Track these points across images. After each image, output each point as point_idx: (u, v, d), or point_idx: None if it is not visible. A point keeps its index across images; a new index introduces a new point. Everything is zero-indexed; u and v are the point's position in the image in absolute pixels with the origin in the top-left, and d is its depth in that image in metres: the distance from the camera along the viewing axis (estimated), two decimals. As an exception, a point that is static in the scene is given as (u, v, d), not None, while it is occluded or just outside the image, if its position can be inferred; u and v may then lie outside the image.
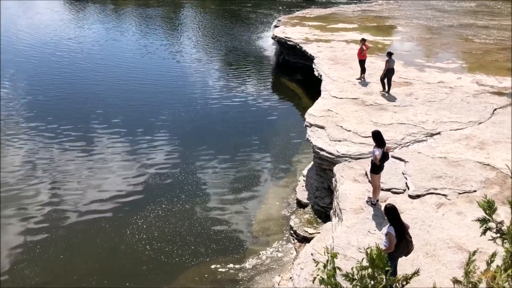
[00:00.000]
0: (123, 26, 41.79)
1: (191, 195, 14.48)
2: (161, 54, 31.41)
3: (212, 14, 50.23)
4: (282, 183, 15.39)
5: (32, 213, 13.31)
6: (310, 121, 14.55)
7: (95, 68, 27.47)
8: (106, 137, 18.18)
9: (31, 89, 23.40)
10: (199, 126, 19.68)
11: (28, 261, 11.42)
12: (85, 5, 54.76)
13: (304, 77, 25.50)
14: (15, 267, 11.22)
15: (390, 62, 17.17)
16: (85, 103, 21.56)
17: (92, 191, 14.51)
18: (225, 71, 28.36)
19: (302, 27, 30.79)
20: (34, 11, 50.19)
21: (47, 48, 32.19)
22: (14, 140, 17.55)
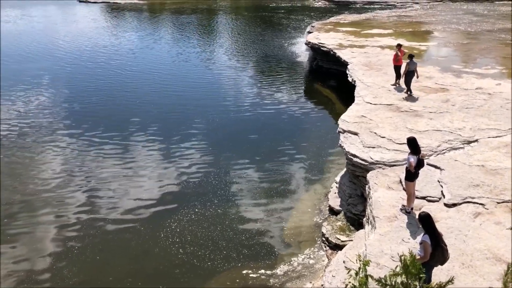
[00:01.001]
0: (157, 33, 42.64)
1: (223, 200, 14.59)
2: (194, 61, 31.88)
3: (245, 20, 50.64)
4: (315, 190, 15.31)
5: (70, 217, 13.70)
6: (343, 127, 14.45)
7: (129, 75, 28.10)
8: (141, 143, 18.54)
9: (68, 97, 24.11)
10: (232, 132, 19.83)
11: (67, 262, 11.77)
12: (122, 13, 56.22)
13: (337, 83, 25.36)
14: (54, 267, 11.58)
15: (411, 64, 17.12)
16: (121, 111, 22.06)
17: (128, 196, 14.83)
18: (258, 77, 28.50)
19: (336, 32, 30.64)
20: (71, 20, 51.89)
21: (83, 56, 33.20)
22: (52, 147, 18.09)
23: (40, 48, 35.90)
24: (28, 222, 13.39)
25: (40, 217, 13.60)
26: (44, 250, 12.24)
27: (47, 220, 13.49)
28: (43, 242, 12.53)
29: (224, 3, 65.63)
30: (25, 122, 20.40)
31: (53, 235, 12.86)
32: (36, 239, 12.68)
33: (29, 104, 22.71)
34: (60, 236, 12.79)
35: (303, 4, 62.62)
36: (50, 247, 12.34)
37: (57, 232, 12.98)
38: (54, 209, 13.99)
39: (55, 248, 12.30)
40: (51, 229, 13.07)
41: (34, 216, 13.63)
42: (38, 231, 12.99)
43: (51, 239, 12.68)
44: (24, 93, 24.23)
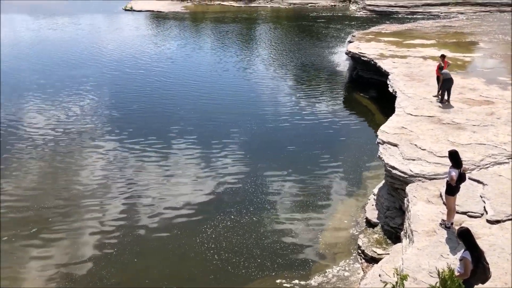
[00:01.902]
0: (197, 42, 43.33)
1: (259, 208, 14.63)
2: (233, 70, 32.16)
3: (285, 29, 50.80)
4: (352, 201, 15.13)
5: (110, 220, 14.09)
6: (383, 138, 14.24)
7: (168, 84, 28.60)
8: (180, 150, 18.85)
9: (108, 104, 24.76)
10: (270, 141, 19.88)
11: (105, 263, 12.10)
12: (164, 21, 57.50)
13: (378, 93, 25.04)
14: (93, 268, 11.93)
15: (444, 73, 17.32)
16: (160, 118, 22.47)
17: (166, 201, 15.11)
18: (297, 86, 28.50)
19: (377, 42, 30.30)
20: (114, 27, 53.49)
21: (124, 63, 34.07)
22: (92, 153, 18.62)
23: (82, 55, 37.16)
24: (69, 224, 13.85)
25: (80, 220, 14.05)
26: (84, 251, 12.62)
27: (88, 223, 13.91)
28: (83, 244, 12.93)
29: (264, 12, 66.11)
30: (67, 128, 21.07)
31: (93, 237, 13.24)
32: (77, 241, 13.09)
33: (71, 110, 23.46)
34: (99, 239, 13.16)
35: (344, 13, 62.22)
36: (90, 249, 12.72)
37: (97, 234, 13.36)
38: (94, 213, 14.41)
39: (94, 250, 12.67)
40: (92, 232, 13.47)
41: (75, 219, 14.09)
42: (79, 234, 13.41)
43: (91, 241, 13.06)
44: (66, 99, 25.06)
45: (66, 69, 32.18)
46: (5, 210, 14.44)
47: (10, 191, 15.58)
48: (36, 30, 50.84)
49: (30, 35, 47.58)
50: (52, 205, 14.77)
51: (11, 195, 15.37)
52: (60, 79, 29.19)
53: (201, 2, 76.96)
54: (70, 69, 31.97)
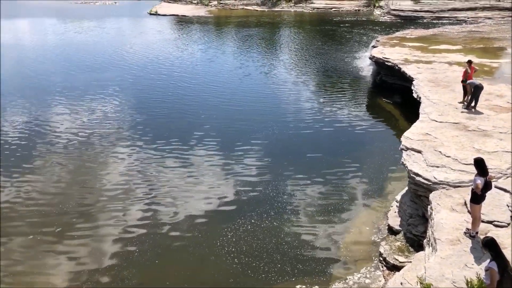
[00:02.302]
0: (220, 46, 43.63)
1: (280, 212, 14.60)
2: (255, 75, 32.25)
3: (308, 34, 50.73)
4: (374, 208, 14.97)
5: (131, 222, 14.26)
6: (406, 145, 14.06)
7: (190, 88, 28.81)
8: (201, 154, 18.96)
9: (130, 108, 25.07)
10: (292, 146, 19.84)
11: (127, 264, 12.25)
12: (188, 25, 58.10)
13: (401, 98, 24.76)
14: (115, 268, 12.09)
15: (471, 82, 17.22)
16: (182, 122, 22.65)
17: (187, 204, 15.22)
18: (319, 91, 28.41)
19: (401, 47, 29.99)
20: (138, 31, 54.25)
21: (146, 67, 34.48)
22: (116, 156, 18.87)
23: (106, 58, 37.79)
24: (92, 226, 14.07)
25: (103, 222, 14.24)
26: (106, 252, 12.80)
27: (110, 225, 14.10)
28: (105, 245, 13.12)
29: (287, 16, 66.18)
30: (91, 131, 21.41)
31: (115, 239, 13.42)
32: (99, 242, 13.29)
33: (94, 113, 23.85)
34: (121, 240, 13.33)
35: (368, 18, 61.85)
36: (112, 250, 12.89)
37: (119, 236, 13.53)
38: (116, 215, 14.59)
39: (117, 251, 12.84)
40: (114, 233, 13.65)
41: (98, 221, 14.30)
42: (101, 235, 13.60)
43: (113, 243, 13.23)
44: (90, 103, 25.50)
45: (90, 72, 32.81)
46: (31, 211, 14.77)
47: (35, 193, 15.92)
48: (62, 34, 51.99)
49: (56, 39, 48.69)
50: (76, 207, 15.03)
51: (37, 197, 15.71)
52: (83, 83, 29.75)
53: (225, 7, 77.56)
54: (94, 73, 32.58)
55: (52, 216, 14.42)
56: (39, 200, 15.41)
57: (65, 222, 14.08)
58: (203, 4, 79.87)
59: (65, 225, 13.96)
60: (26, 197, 15.57)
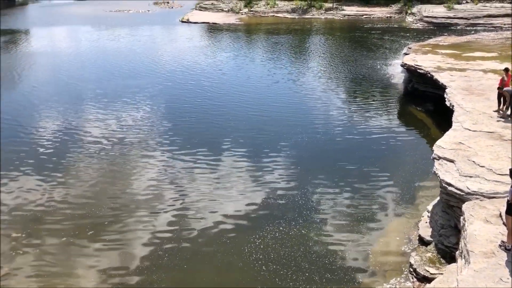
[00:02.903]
0: (249, 53, 43.79)
1: (308, 221, 14.52)
2: (284, 82, 32.22)
3: (338, 41, 50.48)
4: (404, 217, 14.71)
5: (161, 226, 14.46)
6: (439, 154, 13.79)
7: (219, 95, 28.93)
8: (230, 160, 19.05)
9: (159, 114, 25.37)
10: (322, 154, 19.74)
11: (156, 268, 12.42)
12: (218, 33, 58.62)
13: (434, 107, 24.33)
14: (144, 272, 12.27)
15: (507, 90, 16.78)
16: (211, 129, 22.80)
17: (216, 210, 15.32)
18: (350, 99, 28.20)
19: (434, 55, 29.49)
20: (169, 39, 55.12)
21: (175, 74, 34.84)
22: (145, 162, 19.15)
23: (136, 65, 38.47)
24: (122, 230, 14.31)
25: (133, 227, 14.47)
26: (135, 256, 13.00)
27: (139, 230, 14.32)
28: (134, 250, 13.33)
29: (318, 24, 66.03)
30: (121, 137, 21.80)
31: (144, 243, 13.62)
32: (128, 246, 13.51)
33: (125, 120, 24.27)
34: (150, 245, 13.52)
35: (400, 25, 61.11)
36: (141, 254, 13.08)
37: (148, 241, 13.73)
38: (145, 220, 14.80)
39: (145, 255, 13.02)
40: (143, 238, 13.85)
41: (128, 226, 14.54)
42: (131, 240, 13.83)
43: (142, 247, 13.43)
44: (121, 109, 25.94)
45: (121, 79, 33.44)
46: (64, 214, 15.15)
47: (69, 197, 16.32)
48: (95, 41, 53.32)
49: (90, 46, 49.96)
50: (107, 211, 15.33)
51: (70, 200, 16.10)
52: (115, 89, 30.35)
53: (255, 14, 77.96)
54: (125, 80, 33.18)
55: (85, 219, 14.75)
56: (72, 203, 15.79)
57: (97, 226, 14.39)
58: (234, 11, 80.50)
59: (97, 228, 14.26)
60: (59, 200, 15.98)
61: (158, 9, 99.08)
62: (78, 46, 50.53)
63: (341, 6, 76.05)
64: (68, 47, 49.78)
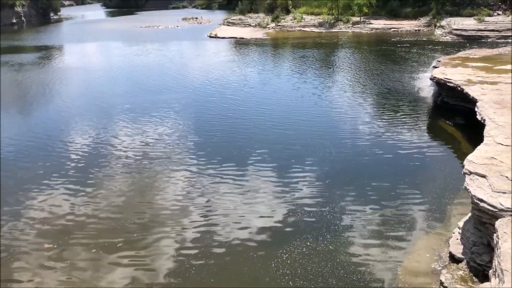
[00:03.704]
0: (275, 68, 43.93)
1: (336, 236, 14.37)
2: (310, 96, 32.12)
3: (365, 54, 50.26)
4: (434, 234, 14.40)
5: (187, 239, 14.55)
6: (470, 169, 13.47)
7: (246, 109, 29.12)
8: (256, 175, 19.07)
9: (185, 128, 25.66)
10: (349, 168, 19.55)
11: (183, 280, 12.50)
12: (245, 47, 59.20)
13: (464, 120, 23.87)
14: (171, 285, 12.35)
15: None
16: (237, 143, 22.91)
17: (242, 223, 15.34)
18: (377, 112, 27.94)
19: (464, 68, 29.00)
20: (195, 53, 55.94)
21: (203, 89, 35.19)
22: (172, 175, 19.40)
23: (164, 80, 39.11)
24: (150, 242, 14.47)
25: (160, 239, 14.61)
26: (163, 268, 13.11)
27: (167, 241, 14.44)
28: (162, 261, 13.44)
29: (345, 37, 65.97)
30: (149, 150, 22.16)
31: (171, 255, 13.73)
32: (156, 258, 13.63)
33: (152, 134, 24.62)
34: (177, 256, 13.63)
35: (429, 38, 60.48)
36: (168, 266, 13.19)
37: (174, 252, 13.84)
38: (172, 234, 14.89)
39: (173, 267, 13.12)
40: (170, 250, 13.96)
41: (155, 237, 14.68)
42: (158, 251, 13.96)
43: (169, 258, 13.55)
44: (148, 124, 26.35)
45: (149, 94, 33.95)
46: (93, 225, 15.44)
47: (97, 208, 16.65)
48: (125, 56, 54.61)
49: (119, 61, 51.21)
50: (135, 223, 15.55)
51: (98, 212, 16.42)
52: (142, 104, 30.85)
53: (282, 29, 78.53)
54: (153, 94, 33.69)
55: (112, 233, 14.96)
56: (100, 217, 16.07)
57: (124, 240, 14.56)
58: (261, 26, 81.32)
59: (124, 242, 14.45)
60: (88, 214, 16.29)
61: (187, 24, 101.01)
62: (108, 61, 51.90)
63: (368, 20, 75.97)
64: (98, 62, 51.19)
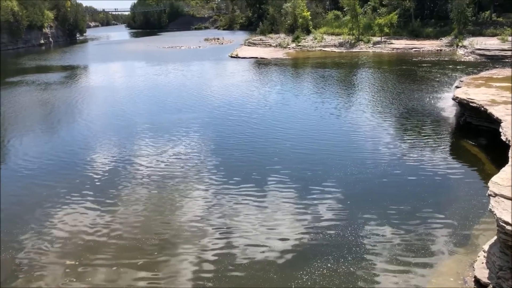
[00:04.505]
0: (295, 88, 43.93)
1: (357, 258, 14.17)
2: (330, 117, 32.06)
3: (386, 74, 50.11)
4: (459, 257, 14.07)
5: (207, 258, 14.54)
6: (495, 191, 13.20)
7: (265, 130, 29.15)
8: (277, 195, 18.99)
9: (208, 148, 25.78)
10: (370, 189, 19.33)
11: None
12: (266, 67, 59.66)
13: (488, 141, 23.49)
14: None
15: None
16: (257, 163, 22.87)
17: (262, 243, 15.27)
18: (398, 133, 27.68)
19: (487, 88, 28.65)
20: (214, 73, 56.64)
21: (223, 108, 35.46)
22: (193, 193, 19.54)
23: (185, 99, 39.60)
24: (170, 260, 14.53)
25: (180, 257, 14.65)
26: (182, 285, 13.08)
27: (186, 259, 14.47)
28: (182, 280, 13.46)
29: (365, 57, 65.98)
30: (169, 169, 22.33)
31: (191, 272, 13.75)
32: (177, 276, 13.65)
33: (172, 152, 24.84)
34: (196, 274, 13.64)
35: (451, 58, 60.05)
36: (188, 285, 13.18)
37: (194, 270, 13.85)
38: (192, 252, 14.91)
39: (191, 285, 13.09)
40: (188, 271, 13.92)
41: (175, 256, 14.73)
42: (178, 270, 13.97)
43: (188, 277, 13.56)
44: (168, 143, 26.63)
45: (170, 113, 34.37)
46: (114, 244, 15.57)
47: (118, 226, 16.81)
48: (148, 76, 55.70)
49: (142, 80, 52.24)
50: (155, 241, 15.63)
51: (119, 229, 16.56)
52: (163, 123, 31.24)
53: (303, 49, 79.06)
54: (174, 114, 34.06)
55: (133, 252, 15.04)
56: (121, 234, 16.21)
57: (145, 257, 14.64)
58: (281, 46, 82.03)
59: (145, 260, 14.52)
60: (109, 231, 16.46)
61: (209, 45, 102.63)
62: (131, 80, 52.93)
63: (389, 39, 76.01)
64: (121, 82, 52.24)
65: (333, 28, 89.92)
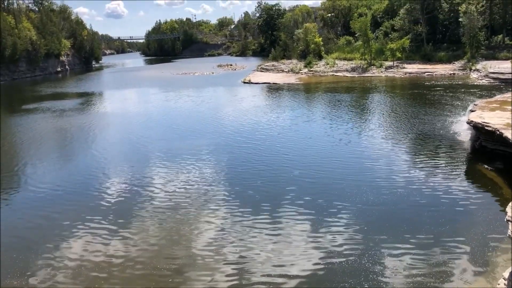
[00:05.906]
0: (307, 113, 44.08)
1: (374, 284, 13.93)
2: (341, 140, 31.99)
3: (398, 98, 50.08)
4: (479, 284, 13.75)
5: (220, 283, 14.45)
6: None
7: (279, 155, 29.09)
8: (292, 220, 18.86)
9: (222, 173, 25.88)
10: (386, 213, 19.11)
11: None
12: (278, 93, 60.07)
13: (505, 165, 23.18)
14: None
15: None
16: (270, 188, 22.84)
17: (276, 268, 15.13)
18: (412, 157, 27.42)
19: (502, 111, 28.41)
20: (225, 99, 57.14)
21: (236, 134, 35.66)
22: (206, 217, 19.53)
23: (199, 125, 39.93)
24: (183, 285, 14.36)
25: (194, 282, 14.57)
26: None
27: (200, 285, 14.35)
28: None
29: (378, 82, 66.10)
30: (183, 194, 22.44)
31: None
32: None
33: (186, 178, 24.93)
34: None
35: (464, 82, 59.87)
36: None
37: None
38: (204, 279, 14.81)
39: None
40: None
41: (189, 281, 14.69)
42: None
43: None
44: (181, 168, 26.72)
45: (184, 139, 34.66)
46: (127, 267, 15.52)
47: (131, 250, 16.79)
48: (162, 102, 56.46)
49: (156, 106, 52.94)
50: (168, 265, 15.61)
51: (132, 254, 16.54)
52: (177, 149, 31.42)
53: (315, 74, 79.53)
54: (188, 139, 34.35)
55: (145, 278, 15.00)
56: (134, 259, 16.18)
57: (158, 284, 14.55)
58: (293, 72, 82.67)
59: (158, 283, 14.42)
60: (122, 256, 16.44)
61: (222, 71, 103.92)
62: (145, 107, 53.73)
63: (402, 64, 76.17)
64: (136, 109, 52.93)
65: (345, 53, 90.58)
